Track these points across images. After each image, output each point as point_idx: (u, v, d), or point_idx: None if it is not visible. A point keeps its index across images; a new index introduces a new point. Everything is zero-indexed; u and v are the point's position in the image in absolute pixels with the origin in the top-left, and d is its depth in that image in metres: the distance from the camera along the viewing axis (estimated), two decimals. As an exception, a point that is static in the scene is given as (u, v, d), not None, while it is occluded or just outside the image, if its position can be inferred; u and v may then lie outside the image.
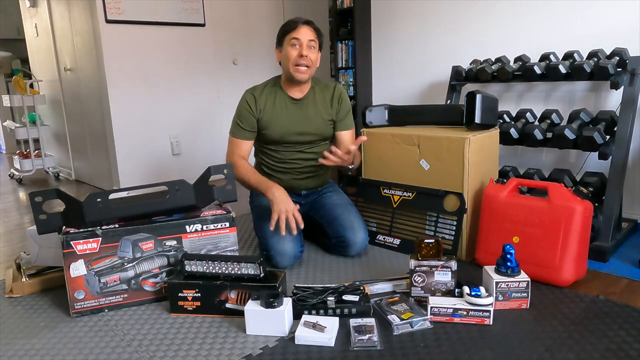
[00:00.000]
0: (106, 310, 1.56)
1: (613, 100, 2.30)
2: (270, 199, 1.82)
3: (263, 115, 1.93)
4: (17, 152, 4.22)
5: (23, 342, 1.41)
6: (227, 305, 1.49)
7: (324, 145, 2.05)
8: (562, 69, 2.20)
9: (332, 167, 1.94)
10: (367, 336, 1.33)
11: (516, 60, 2.48)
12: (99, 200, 1.54)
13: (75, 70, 3.62)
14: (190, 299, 1.51)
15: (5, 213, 3.02)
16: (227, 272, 1.50)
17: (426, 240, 1.53)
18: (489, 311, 1.40)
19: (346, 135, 2.07)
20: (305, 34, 1.85)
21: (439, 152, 1.94)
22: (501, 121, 2.43)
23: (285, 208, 1.78)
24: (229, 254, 1.64)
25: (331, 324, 1.37)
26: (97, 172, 3.65)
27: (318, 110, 1.99)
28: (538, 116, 2.39)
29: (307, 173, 2.04)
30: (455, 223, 1.91)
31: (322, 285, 1.56)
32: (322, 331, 1.34)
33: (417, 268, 1.53)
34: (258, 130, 1.96)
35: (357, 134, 2.18)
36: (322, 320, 1.39)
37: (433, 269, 1.52)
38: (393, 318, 1.41)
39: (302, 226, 1.82)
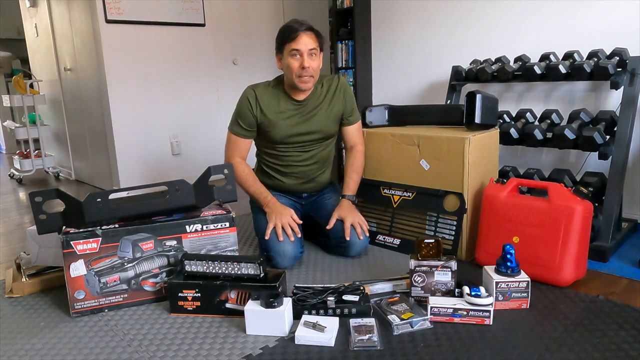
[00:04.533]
0: (106, 310, 1.56)
1: (613, 100, 2.30)
2: (267, 212, 1.89)
3: (264, 116, 1.91)
4: (17, 152, 4.23)
5: (23, 342, 1.41)
6: (227, 305, 1.49)
7: (328, 144, 2.05)
8: (562, 69, 2.20)
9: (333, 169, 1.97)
10: (367, 336, 1.33)
11: (516, 60, 2.48)
12: (99, 200, 1.54)
13: (75, 70, 3.63)
14: (190, 299, 1.51)
15: (5, 213, 3.02)
16: (227, 272, 1.50)
17: (426, 240, 1.53)
18: (489, 311, 1.40)
19: (352, 130, 2.07)
20: (305, 43, 1.80)
21: (439, 152, 1.94)
22: (501, 121, 2.43)
23: (281, 220, 1.84)
24: (229, 254, 1.64)
25: (331, 324, 1.37)
26: (97, 172, 3.65)
27: (322, 107, 1.96)
28: (538, 116, 2.39)
29: (309, 175, 2.03)
30: (455, 223, 1.91)
31: (322, 285, 1.56)
32: (322, 331, 1.34)
33: (417, 268, 1.53)
34: (259, 131, 1.96)
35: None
36: (322, 320, 1.39)
37: (433, 269, 1.52)
38: (393, 318, 1.41)
39: (299, 235, 1.86)
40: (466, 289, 1.45)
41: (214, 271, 1.51)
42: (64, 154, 4.18)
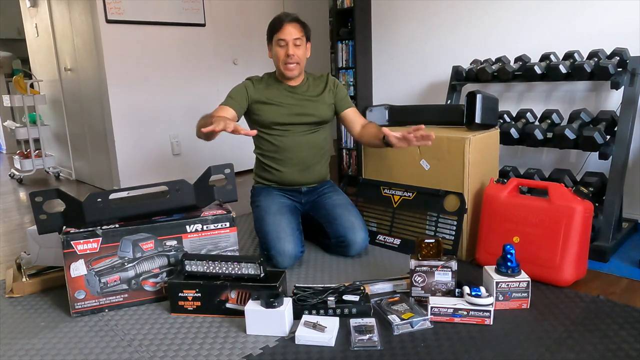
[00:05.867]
0: (106, 310, 1.56)
1: (613, 100, 2.30)
2: (212, 121, 1.63)
3: (259, 97, 2.00)
4: (18, 152, 4.22)
5: (23, 342, 1.41)
6: (228, 305, 1.49)
7: (323, 131, 2.09)
8: (563, 69, 2.20)
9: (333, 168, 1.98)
10: (367, 336, 1.33)
11: (516, 60, 2.48)
12: (99, 200, 1.54)
13: (75, 70, 3.62)
14: (190, 299, 1.51)
15: (5, 213, 3.03)
16: (227, 272, 1.50)
17: (426, 240, 1.53)
18: (489, 311, 1.40)
19: (351, 113, 2.12)
20: (290, 33, 1.93)
21: (439, 152, 1.94)
22: (501, 121, 2.43)
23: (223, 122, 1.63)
24: (229, 254, 1.64)
25: (331, 324, 1.37)
26: (97, 172, 3.65)
27: (315, 94, 2.06)
28: (538, 116, 2.38)
29: (306, 162, 2.04)
30: (455, 223, 1.91)
31: (322, 285, 1.57)
32: (323, 331, 1.34)
33: (417, 268, 1.53)
34: (255, 114, 2.01)
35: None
36: (322, 320, 1.39)
37: (433, 269, 1.52)
38: (393, 318, 1.41)
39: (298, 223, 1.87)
40: (466, 289, 1.45)
41: (214, 271, 1.51)
42: (64, 154, 4.18)
